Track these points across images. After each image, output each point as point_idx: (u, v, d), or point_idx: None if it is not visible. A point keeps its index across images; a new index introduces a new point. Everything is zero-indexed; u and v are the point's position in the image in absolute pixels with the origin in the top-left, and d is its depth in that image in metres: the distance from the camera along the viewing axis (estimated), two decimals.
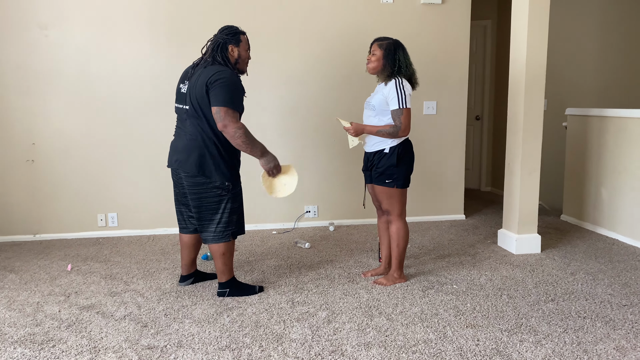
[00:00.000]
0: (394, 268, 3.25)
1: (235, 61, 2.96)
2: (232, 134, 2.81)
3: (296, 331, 2.62)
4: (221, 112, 2.78)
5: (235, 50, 2.94)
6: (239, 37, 2.95)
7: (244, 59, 3.01)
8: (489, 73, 6.42)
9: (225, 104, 2.78)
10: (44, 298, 3.08)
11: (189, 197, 2.99)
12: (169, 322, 2.74)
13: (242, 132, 2.83)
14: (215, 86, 2.78)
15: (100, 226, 4.44)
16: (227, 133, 2.82)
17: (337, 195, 4.77)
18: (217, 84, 2.77)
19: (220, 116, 2.79)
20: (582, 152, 4.68)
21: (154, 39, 4.31)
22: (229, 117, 2.79)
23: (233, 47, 2.93)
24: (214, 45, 2.92)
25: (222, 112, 2.78)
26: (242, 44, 2.97)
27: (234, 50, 2.94)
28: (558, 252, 3.92)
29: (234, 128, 2.81)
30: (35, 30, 4.16)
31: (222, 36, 2.93)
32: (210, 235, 2.99)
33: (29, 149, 4.27)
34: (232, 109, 2.81)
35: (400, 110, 2.99)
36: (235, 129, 2.81)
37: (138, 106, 4.35)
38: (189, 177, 2.93)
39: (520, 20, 3.78)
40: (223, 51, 2.91)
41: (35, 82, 4.21)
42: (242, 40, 2.97)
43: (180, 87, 2.99)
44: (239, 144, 2.85)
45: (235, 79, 2.86)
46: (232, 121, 2.81)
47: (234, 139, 2.83)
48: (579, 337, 2.55)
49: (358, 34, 4.54)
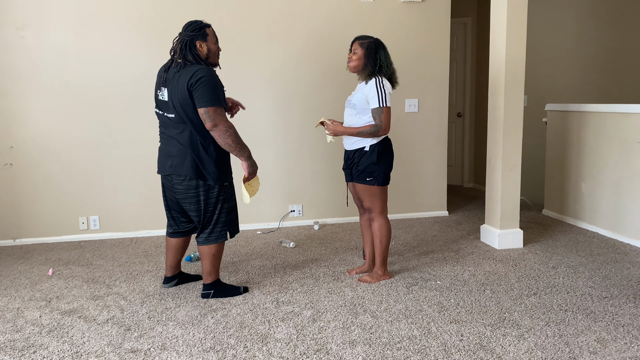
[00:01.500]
0: (378, 265, 3.27)
1: (206, 56, 2.90)
2: (222, 132, 2.77)
3: (281, 331, 2.62)
4: (209, 112, 2.74)
5: (204, 45, 2.88)
6: (204, 32, 2.88)
7: (214, 52, 2.95)
8: (470, 70, 6.47)
9: (212, 103, 2.74)
10: (24, 303, 3.03)
11: (185, 202, 2.95)
12: (152, 324, 2.72)
13: (232, 131, 2.80)
14: (198, 87, 2.73)
15: (82, 229, 4.39)
16: (217, 132, 2.77)
17: (321, 194, 4.77)
18: (198, 85, 2.73)
19: (209, 116, 2.75)
20: (562, 147, 4.74)
21: (134, 37, 4.26)
22: (218, 116, 2.76)
23: (201, 43, 2.87)
24: (181, 44, 2.85)
25: (211, 111, 2.74)
26: (209, 37, 2.91)
27: (202, 45, 2.87)
28: (540, 247, 3.97)
29: (224, 127, 2.78)
30: (11, 31, 4.09)
31: (188, 33, 2.85)
32: (205, 237, 2.97)
33: (7, 152, 4.20)
34: (220, 107, 2.78)
35: (381, 109, 3.00)
36: (226, 128, 2.78)
37: (118, 106, 4.30)
38: (184, 181, 2.89)
39: (499, 18, 3.81)
40: (191, 49, 2.84)
41: (13, 84, 4.14)
42: (208, 33, 2.90)
43: (158, 94, 2.93)
44: (228, 143, 2.81)
45: (214, 76, 2.82)
46: (222, 120, 2.78)
47: (224, 138, 2.79)
48: (560, 330, 2.58)
49: (339, 33, 4.55)
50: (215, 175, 2.89)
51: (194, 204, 2.93)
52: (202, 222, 2.96)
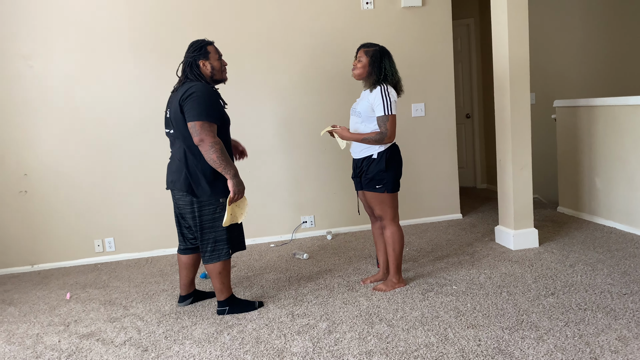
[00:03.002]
0: (392, 273, 3.25)
1: (210, 74, 2.96)
2: (207, 148, 2.77)
3: (297, 344, 2.61)
4: (196, 126, 2.76)
5: (207, 64, 2.94)
6: (206, 50, 2.94)
7: (218, 68, 2.99)
8: (476, 71, 6.44)
9: (199, 117, 2.75)
10: (43, 329, 3.07)
11: (187, 217, 2.99)
12: (169, 344, 2.73)
13: (218, 147, 2.78)
14: (187, 102, 2.77)
15: (97, 252, 4.43)
16: (203, 147, 2.78)
17: (333, 204, 4.77)
18: (188, 100, 2.77)
19: (196, 130, 2.76)
20: (573, 143, 4.68)
21: (138, 61, 4.32)
22: (205, 131, 2.76)
23: (204, 62, 2.93)
24: (185, 65, 2.94)
25: (198, 126, 2.76)
26: (211, 54, 2.95)
27: (206, 64, 2.93)
28: (556, 245, 3.91)
29: (210, 142, 2.76)
30: (19, 61, 4.17)
31: (190, 55, 2.93)
32: (207, 255, 2.98)
33: (21, 180, 4.26)
34: (207, 122, 2.77)
35: (386, 117, 3.00)
36: (211, 143, 2.77)
37: (127, 129, 4.36)
38: (183, 197, 2.94)
39: (500, 17, 3.80)
40: (194, 69, 2.91)
41: (24, 113, 4.21)
42: (210, 51, 2.95)
43: (166, 112, 3.00)
44: (213, 159, 2.78)
45: (207, 91, 2.83)
46: (209, 135, 2.77)
47: (209, 154, 2.77)
48: (580, 330, 2.54)
49: (341, 42, 4.56)
50: (208, 192, 2.89)
51: (191, 220, 2.97)
52: (200, 239, 2.97)
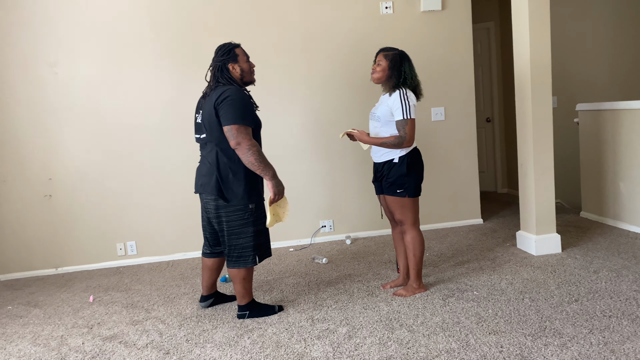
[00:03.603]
0: (413, 278, 3.23)
1: (240, 76, 2.97)
2: (244, 151, 2.78)
3: (317, 349, 2.61)
4: (233, 130, 2.77)
5: (237, 67, 2.95)
6: (234, 53, 2.96)
7: (247, 70, 3.00)
8: (497, 74, 6.39)
9: (235, 121, 2.77)
10: (67, 331, 3.12)
11: (215, 222, 3.00)
12: (190, 347, 2.75)
13: (255, 149, 2.80)
14: (223, 106, 2.78)
15: (120, 255, 4.50)
16: (240, 150, 2.79)
17: (351, 208, 4.77)
18: (224, 104, 2.78)
19: (233, 134, 2.77)
20: (596, 147, 4.61)
21: (160, 67, 4.38)
22: (241, 135, 2.78)
23: (233, 65, 2.94)
24: (214, 70, 2.95)
25: (234, 130, 2.77)
26: (239, 57, 2.97)
27: (235, 67, 2.95)
28: (579, 251, 3.86)
29: (247, 145, 2.78)
30: (45, 68, 4.26)
31: (219, 58, 2.94)
32: (233, 260, 2.98)
33: (46, 184, 4.35)
34: (243, 126, 2.79)
35: (405, 121, 2.99)
36: (249, 146, 2.78)
37: (149, 134, 4.42)
38: (212, 200, 2.95)
39: (521, 21, 3.77)
40: (224, 73, 2.93)
41: (49, 119, 4.30)
42: (238, 54, 2.97)
43: (196, 117, 3.03)
44: (251, 162, 2.80)
45: (241, 95, 2.85)
46: (245, 138, 2.79)
47: (247, 157, 2.79)
48: (605, 337, 2.49)
49: (361, 46, 4.57)
50: (239, 196, 2.90)
51: (218, 224, 2.98)
52: (227, 244, 2.97)
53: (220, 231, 2.99)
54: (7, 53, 4.20)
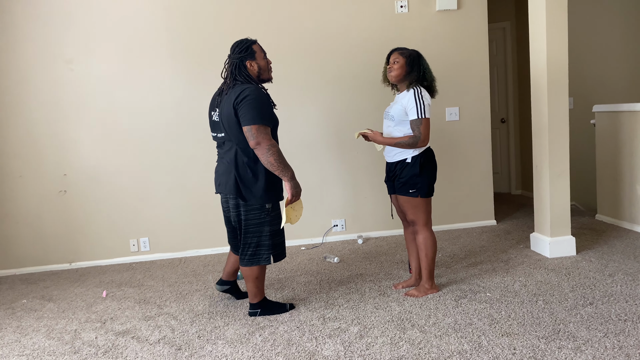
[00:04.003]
0: (425, 279, 3.21)
1: (257, 74, 2.95)
2: (264, 151, 2.77)
3: (328, 347, 2.61)
4: (252, 130, 2.75)
5: (254, 64, 2.92)
6: (252, 50, 2.92)
7: (264, 67, 2.97)
8: (512, 75, 6.34)
9: (255, 121, 2.75)
10: (81, 325, 3.15)
11: (234, 219, 3.00)
12: (202, 343, 2.76)
13: (275, 150, 2.78)
14: (242, 106, 2.76)
15: (132, 251, 4.53)
16: (260, 150, 2.78)
17: (364, 208, 4.76)
18: (243, 103, 2.76)
19: (252, 134, 2.75)
20: (613, 149, 4.56)
21: (176, 65, 4.40)
22: (261, 135, 2.76)
23: (251, 62, 2.91)
24: (232, 67, 2.91)
25: (254, 130, 2.75)
26: (257, 54, 2.94)
27: (253, 64, 2.92)
28: (594, 254, 3.81)
29: (267, 145, 2.76)
30: (61, 65, 4.30)
31: (236, 55, 2.91)
32: (247, 258, 2.96)
33: (61, 180, 4.39)
34: (263, 125, 2.77)
35: (420, 120, 2.97)
36: (268, 146, 2.77)
37: (164, 132, 4.44)
38: (231, 199, 2.96)
39: (538, 21, 3.73)
40: (241, 70, 2.89)
41: (63, 115, 4.34)
42: (255, 50, 2.94)
43: (212, 114, 3.01)
44: (271, 162, 2.78)
45: (260, 94, 2.83)
46: (265, 138, 2.77)
47: (266, 157, 2.77)
48: (620, 341, 2.46)
49: (376, 46, 4.55)
50: (257, 196, 2.89)
51: (237, 223, 2.98)
52: (243, 242, 2.97)
53: (238, 229, 3.00)
54: (24, 48, 4.25)
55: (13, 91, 4.28)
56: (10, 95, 4.28)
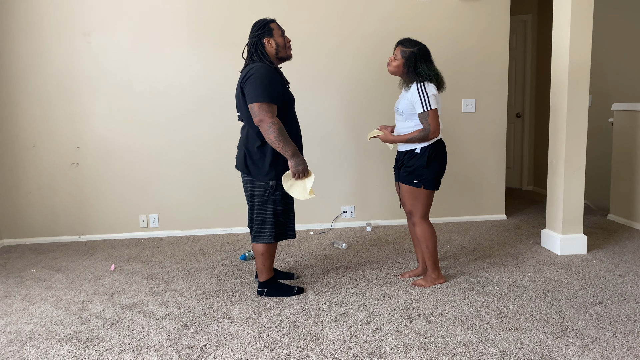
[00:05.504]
0: (430, 269, 3.20)
1: (275, 51, 2.95)
2: (266, 128, 2.79)
3: (334, 332, 2.61)
4: (255, 107, 2.79)
5: (272, 42, 2.93)
6: (269, 27, 2.94)
7: (282, 45, 2.97)
8: (530, 69, 6.25)
9: (257, 99, 2.77)
10: (88, 297, 3.17)
11: (247, 195, 3.09)
12: (208, 321, 2.77)
13: (276, 127, 2.79)
14: (247, 84, 2.81)
15: (142, 227, 4.54)
16: (262, 128, 2.81)
17: (374, 196, 4.74)
18: (248, 82, 2.81)
19: (255, 112, 2.79)
20: (630, 149, 4.49)
21: (193, 43, 4.37)
22: (263, 112, 2.78)
23: (268, 40, 2.92)
24: (250, 46, 2.96)
25: (256, 107, 2.78)
26: (274, 31, 2.95)
27: (270, 42, 2.93)
28: (605, 253, 3.77)
29: (268, 122, 2.78)
30: (78, 38, 4.29)
31: (254, 34, 2.94)
32: (253, 234, 3.05)
33: (74, 152, 4.40)
34: (266, 103, 2.78)
35: (426, 113, 2.94)
36: (270, 123, 2.78)
37: (177, 109, 4.43)
38: (243, 175, 3.05)
39: (563, 15, 3.66)
40: (259, 48, 2.92)
41: (79, 88, 4.34)
42: (273, 28, 2.95)
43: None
44: (271, 140, 2.81)
45: (266, 71, 2.82)
46: (268, 115, 2.79)
47: (268, 134, 2.80)
48: (629, 342, 2.44)
49: (394, 33, 4.47)
50: (263, 173, 2.94)
51: (247, 197, 3.08)
52: (250, 218, 3.06)
53: (248, 204, 3.08)
54: (42, 21, 4.24)
55: (29, 61, 4.27)
56: (26, 65, 4.27)
